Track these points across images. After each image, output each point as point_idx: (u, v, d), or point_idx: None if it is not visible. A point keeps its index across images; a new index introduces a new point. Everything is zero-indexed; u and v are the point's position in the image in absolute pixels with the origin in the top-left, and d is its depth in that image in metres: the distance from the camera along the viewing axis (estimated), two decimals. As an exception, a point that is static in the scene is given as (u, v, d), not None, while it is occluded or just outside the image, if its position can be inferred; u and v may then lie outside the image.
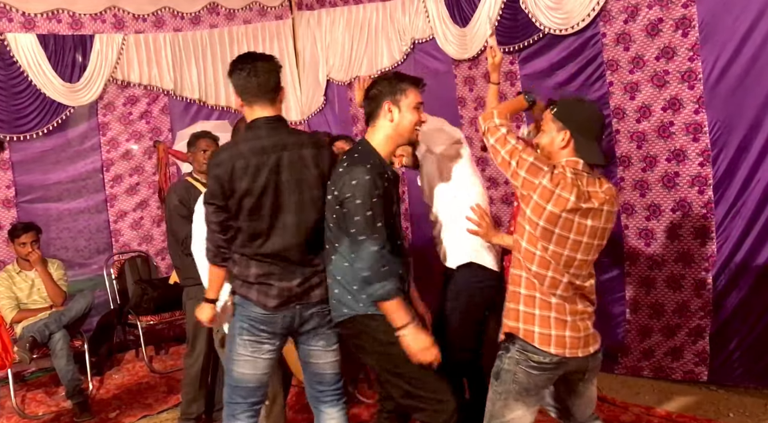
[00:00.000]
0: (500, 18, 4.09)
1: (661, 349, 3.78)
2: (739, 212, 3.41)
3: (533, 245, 2.10)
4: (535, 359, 2.11)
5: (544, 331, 2.10)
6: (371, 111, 2.39)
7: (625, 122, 3.72)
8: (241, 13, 5.47)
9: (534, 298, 2.12)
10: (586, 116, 2.15)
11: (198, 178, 3.56)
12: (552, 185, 2.04)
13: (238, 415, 2.41)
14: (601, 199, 2.09)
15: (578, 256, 2.10)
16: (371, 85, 2.41)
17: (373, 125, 2.39)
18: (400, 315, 2.24)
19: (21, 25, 4.67)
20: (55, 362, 3.92)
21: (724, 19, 3.30)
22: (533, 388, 2.15)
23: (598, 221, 2.10)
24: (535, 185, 2.06)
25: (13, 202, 4.73)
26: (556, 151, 2.14)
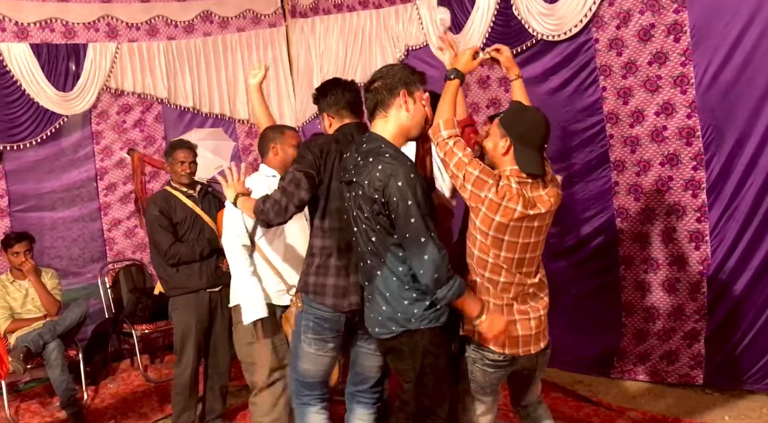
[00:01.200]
0: (493, 24, 4.11)
1: (657, 353, 3.79)
2: (732, 215, 3.44)
3: (485, 253, 2.19)
4: (490, 358, 2.23)
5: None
6: (381, 100, 2.20)
7: (618, 127, 3.75)
8: (234, 21, 5.48)
9: (488, 303, 2.21)
10: (529, 126, 2.19)
11: (177, 187, 3.55)
12: (498, 198, 2.12)
13: (309, 405, 2.55)
14: (546, 204, 2.18)
15: (527, 256, 2.22)
16: (376, 75, 2.24)
17: (383, 116, 2.21)
18: (474, 305, 2.16)
19: (14, 35, 4.66)
20: (50, 372, 3.89)
21: (716, 25, 3.33)
22: (489, 385, 2.29)
23: (542, 221, 2.20)
24: (482, 198, 2.13)
25: (7, 211, 4.71)
26: (498, 157, 2.21)
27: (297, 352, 2.51)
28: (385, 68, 2.27)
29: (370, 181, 2.10)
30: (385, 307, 2.19)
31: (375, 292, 2.22)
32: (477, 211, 2.15)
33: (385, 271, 2.17)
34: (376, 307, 2.22)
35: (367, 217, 2.14)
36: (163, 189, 3.64)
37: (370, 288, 2.25)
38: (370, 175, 2.11)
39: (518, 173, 2.16)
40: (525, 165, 2.15)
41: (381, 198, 2.08)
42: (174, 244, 3.41)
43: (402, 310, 2.17)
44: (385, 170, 2.08)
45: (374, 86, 2.22)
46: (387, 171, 2.08)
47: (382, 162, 2.11)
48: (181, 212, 3.49)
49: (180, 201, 3.51)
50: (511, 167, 2.17)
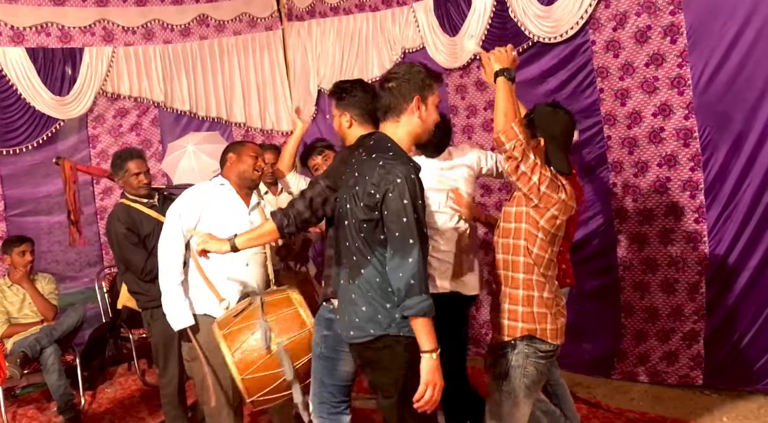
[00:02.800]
0: (489, 27, 4.12)
1: (656, 354, 3.79)
2: (730, 216, 3.45)
3: (544, 250, 2.23)
4: (543, 349, 2.23)
5: (545, 326, 2.23)
6: (394, 103, 2.15)
7: (616, 128, 3.75)
8: (231, 25, 5.48)
9: (542, 297, 2.24)
10: (563, 128, 2.29)
11: (136, 199, 3.40)
12: (567, 199, 2.20)
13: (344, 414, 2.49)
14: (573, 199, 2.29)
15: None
16: (393, 74, 2.18)
17: (395, 120, 2.16)
18: (432, 337, 2.02)
19: (10, 39, 4.66)
20: (47, 377, 3.87)
21: (712, 26, 3.34)
22: (542, 378, 2.29)
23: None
24: (555, 200, 2.18)
25: (3, 215, 4.71)
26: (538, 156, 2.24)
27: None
28: (404, 68, 2.20)
29: (370, 177, 2.07)
30: (366, 308, 2.11)
31: (356, 291, 2.13)
32: (543, 212, 2.19)
33: (371, 270, 2.10)
34: (355, 308, 2.13)
35: (360, 212, 2.09)
36: (121, 203, 3.46)
37: (351, 287, 2.16)
38: (370, 170, 2.08)
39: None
40: (558, 165, 2.24)
41: (377, 194, 2.04)
42: (149, 259, 3.25)
43: (383, 313, 2.08)
44: (385, 167, 2.05)
45: (389, 86, 2.16)
46: (387, 168, 2.05)
47: (384, 159, 2.08)
48: (147, 225, 3.34)
49: (143, 213, 3.36)
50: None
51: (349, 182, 2.16)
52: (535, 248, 2.22)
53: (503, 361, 2.26)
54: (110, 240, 3.42)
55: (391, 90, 2.15)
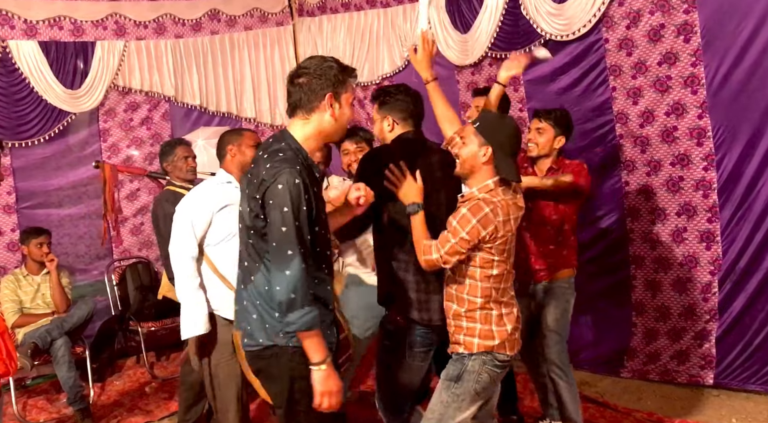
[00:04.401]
0: (501, 24, 4.12)
1: (667, 353, 3.79)
2: (744, 216, 3.44)
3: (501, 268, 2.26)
4: (500, 359, 2.27)
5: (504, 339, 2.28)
6: (305, 100, 2.01)
7: (628, 127, 3.74)
8: (242, 20, 5.48)
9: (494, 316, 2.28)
10: (508, 134, 2.24)
11: (181, 185, 3.50)
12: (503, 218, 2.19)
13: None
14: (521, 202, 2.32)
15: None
16: (303, 69, 2.04)
17: (305, 117, 2.03)
18: (320, 349, 1.95)
19: (23, 32, 4.67)
20: (57, 369, 3.90)
21: (726, 25, 3.33)
22: (491, 386, 2.33)
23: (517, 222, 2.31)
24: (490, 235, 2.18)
25: (14, 207, 4.71)
26: (478, 164, 2.23)
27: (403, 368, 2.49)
28: (315, 63, 2.04)
29: (257, 180, 1.96)
30: (255, 316, 2.02)
31: (247, 298, 2.04)
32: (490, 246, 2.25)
33: (260, 277, 2.00)
34: (246, 315, 2.05)
35: (250, 216, 1.99)
36: (168, 189, 3.58)
37: (243, 293, 2.07)
38: (258, 173, 1.97)
39: (498, 182, 2.23)
40: (506, 172, 2.22)
41: (260, 199, 1.94)
42: None
43: (271, 322, 1.99)
44: (270, 171, 1.93)
45: (299, 82, 2.02)
46: (272, 172, 1.92)
47: (272, 161, 1.96)
48: None
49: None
50: (492, 179, 2.22)
51: (244, 183, 2.08)
52: (493, 270, 2.24)
53: (459, 364, 2.29)
54: (156, 222, 3.49)
55: (301, 86, 2.01)
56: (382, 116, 2.53)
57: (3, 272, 4.56)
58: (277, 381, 2.05)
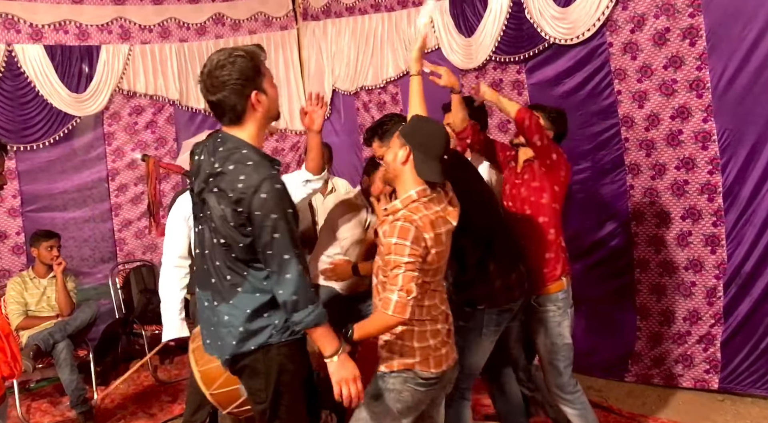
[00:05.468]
0: (505, 28, 4.11)
1: (672, 357, 3.77)
2: (749, 220, 3.42)
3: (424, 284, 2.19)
4: (424, 376, 2.17)
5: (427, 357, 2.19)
6: (232, 105, 1.95)
7: (633, 131, 3.74)
8: (246, 24, 5.50)
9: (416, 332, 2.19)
10: (429, 135, 2.18)
11: None
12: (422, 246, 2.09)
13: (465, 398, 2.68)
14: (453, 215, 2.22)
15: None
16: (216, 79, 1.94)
17: (240, 124, 1.99)
18: (331, 339, 2.00)
19: (29, 37, 4.69)
20: (59, 372, 3.91)
21: (732, 29, 3.32)
22: (415, 405, 2.22)
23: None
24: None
25: (19, 211, 4.73)
26: (398, 167, 2.18)
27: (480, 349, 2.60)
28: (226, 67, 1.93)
29: (234, 191, 1.90)
30: (243, 326, 2.01)
31: (232, 311, 2.02)
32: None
33: (247, 287, 2.00)
34: (230, 328, 2.03)
35: (230, 228, 1.94)
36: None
37: (224, 308, 2.04)
38: (232, 184, 1.91)
39: (422, 192, 2.15)
40: (425, 173, 2.15)
41: (244, 210, 1.90)
42: None
43: (261, 324, 2.01)
44: (247, 181, 1.89)
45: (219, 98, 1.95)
46: (250, 182, 1.89)
47: (244, 171, 1.91)
48: None
49: None
50: (415, 190, 2.15)
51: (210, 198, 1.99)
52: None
53: (379, 382, 2.21)
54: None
55: (228, 93, 1.94)
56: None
57: (8, 275, 4.59)
58: (263, 376, 2.05)
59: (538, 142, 2.71)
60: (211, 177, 1.97)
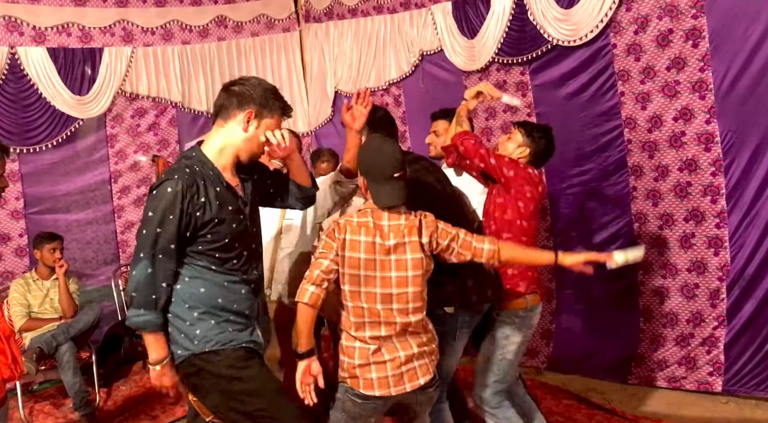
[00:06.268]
0: (508, 30, 4.11)
1: (675, 359, 3.76)
2: (752, 221, 3.41)
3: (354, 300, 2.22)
4: (358, 394, 2.19)
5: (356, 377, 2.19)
6: (227, 106, 2.08)
7: (636, 132, 3.73)
8: (248, 26, 5.51)
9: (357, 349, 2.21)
10: (371, 161, 2.20)
11: None
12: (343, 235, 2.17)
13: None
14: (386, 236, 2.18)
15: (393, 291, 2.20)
16: (236, 82, 2.13)
17: (221, 124, 2.10)
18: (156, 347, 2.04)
19: (31, 39, 4.70)
20: (62, 374, 3.89)
21: (735, 30, 3.31)
22: (358, 416, 2.24)
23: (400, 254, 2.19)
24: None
25: (22, 213, 4.75)
26: (363, 193, 2.28)
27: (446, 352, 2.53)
28: (255, 79, 2.13)
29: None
30: (170, 329, 2.06)
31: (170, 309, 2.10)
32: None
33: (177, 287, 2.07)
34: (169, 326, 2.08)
35: None
36: None
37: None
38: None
39: (372, 205, 2.21)
40: (375, 199, 2.19)
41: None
42: None
43: (184, 331, 2.04)
44: (160, 177, 2.05)
45: (232, 89, 2.10)
46: (161, 178, 2.03)
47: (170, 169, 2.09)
48: None
49: None
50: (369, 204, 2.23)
51: None
52: (348, 301, 2.18)
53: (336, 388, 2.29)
54: None
55: (232, 93, 2.08)
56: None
57: (11, 277, 4.60)
58: (213, 390, 2.05)
59: (481, 163, 2.69)
60: None
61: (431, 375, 2.24)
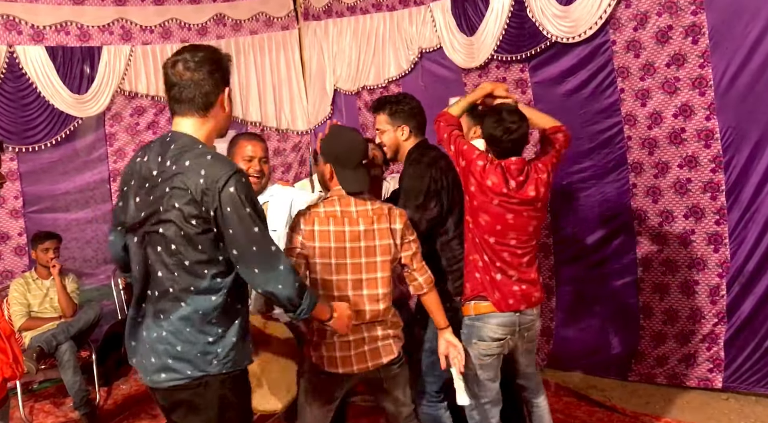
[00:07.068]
0: (507, 27, 4.10)
1: (675, 356, 3.77)
2: (752, 218, 3.41)
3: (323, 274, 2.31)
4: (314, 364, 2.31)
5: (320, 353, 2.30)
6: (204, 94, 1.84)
7: (636, 129, 3.73)
8: (247, 24, 5.50)
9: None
10: (343, 147, 2.30)
11: None
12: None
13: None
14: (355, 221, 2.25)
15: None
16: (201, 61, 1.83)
17: (205, 115, 1.86)
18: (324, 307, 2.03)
19: (30, 38, 4.69)
20: (62, 373, 3.90)
21: (734, 26, 3.31)
22: (319, 393, 2.34)
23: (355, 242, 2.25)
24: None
25: (21, 212, 4.75)
26: (327, 181, 2.35)
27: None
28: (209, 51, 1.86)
29: (194, 190, 1.75)
30: (180, 347, 1.81)
31: (169, 327, 1.82)
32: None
33: (192, 301, 1.80)
34: (167, 348, 1.82)
35: (183, 234, 1.77)
36: None
37: (164, 324, 1.83)
38: (190, 181, 1.75)
39: (339, 192, 2.29)
40: (344, 184, 2.27)
41: (209, 209, 1.75)
42: None
43: (202, 349, 1.81)
44: (210, 176, 1.74)
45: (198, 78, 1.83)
46: (214, 176, 1.74)
47: (204, 166, 1.76)
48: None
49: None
50: (336, 192, 2.31)
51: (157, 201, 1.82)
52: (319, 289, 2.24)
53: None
54: None
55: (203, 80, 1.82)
56: (395, 125, 2.64)
57: (10, 276, 4.59)
58: (204, 412, 1.86)
59: (443, 146, 2.64)
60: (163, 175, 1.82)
61: (394, 355, 2.34)
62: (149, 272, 1.86)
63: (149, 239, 1.84)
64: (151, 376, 1.86)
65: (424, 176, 2.56)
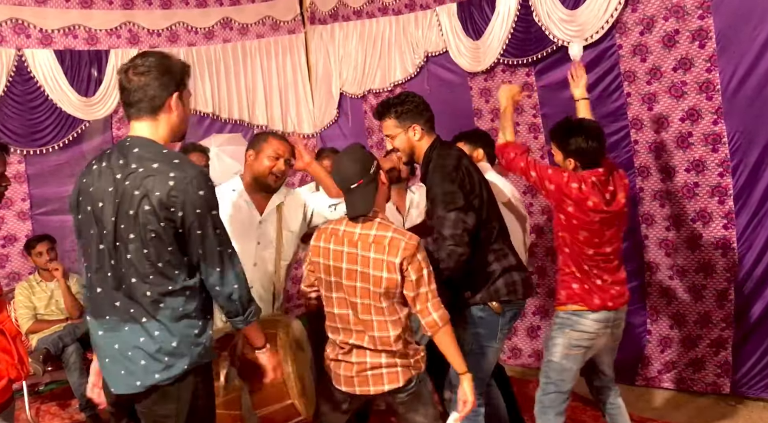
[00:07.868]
0: (513, 31, 4.10)
1: (683, 361, 3.75)
2: (761, 222, 3.40)
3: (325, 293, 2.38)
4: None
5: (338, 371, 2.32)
6: (152, 96, 1.88)
7: (643, 133, 3.72)
8: (254, 28, 5.52)
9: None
10: (333, 174, 2.31)
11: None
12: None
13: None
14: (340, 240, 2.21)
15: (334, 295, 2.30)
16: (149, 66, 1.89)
17: (155, 118, 1.90)
18: (260, 333, 2.11)
19: (38, 41, 4.72)
20: (68, 375, 3.91)
21: (742, 30, 3.31)
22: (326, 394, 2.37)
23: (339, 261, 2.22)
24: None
25: (29, 214, 4.77)
26: None
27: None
28: (157, 57, 1.92)
29: (162, 193, 1.79)
30: (176, 343, 1.86)
31: (153, 329, 1.85)
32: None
33: (172, 301, 1.86)
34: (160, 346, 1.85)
35: (155, 237, 1.81)
36: None
37: (142, 326, 1.86)
38: (159, 185, 1.80)
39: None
40: (346, 208, 2.25)
41: (178, 212, 1.80)
42: None
43: (194, 341, 1.90)
44: (179, 178, 1.81)
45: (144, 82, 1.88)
46: (183, 180, 1.81)
47: (172, 168, 1.82)
48: None
49: None
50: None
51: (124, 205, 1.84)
52: (327, 307, 2.30)
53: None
54: None
55: (147, 84, 1.88)
56: (405, 127, 2.53)
57: (17, 278, 4.61)
58: (173, 400, 1.89)
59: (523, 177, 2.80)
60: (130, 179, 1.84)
61: (400, 384, 2.22)
62: (120, 277, 1.87)
63: (119, 245, 1.86)
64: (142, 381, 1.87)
65: (454, 179, 2.42)
